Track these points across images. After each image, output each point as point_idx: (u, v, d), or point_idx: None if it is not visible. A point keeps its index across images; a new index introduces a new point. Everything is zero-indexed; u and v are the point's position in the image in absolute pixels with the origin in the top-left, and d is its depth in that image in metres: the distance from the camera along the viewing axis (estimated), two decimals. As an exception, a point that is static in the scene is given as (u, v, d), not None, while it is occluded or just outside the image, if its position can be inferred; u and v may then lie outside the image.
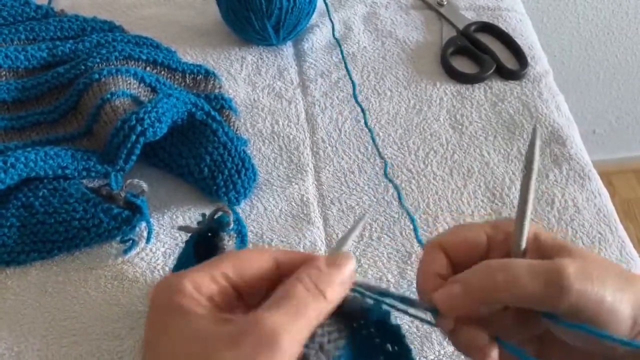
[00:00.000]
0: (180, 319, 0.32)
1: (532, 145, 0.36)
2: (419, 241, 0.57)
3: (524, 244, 0.37)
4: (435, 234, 0.58)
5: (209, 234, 0.49)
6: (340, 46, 0.75)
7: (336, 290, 0.34)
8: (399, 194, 0.59)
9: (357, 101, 0.68)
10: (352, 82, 0.71)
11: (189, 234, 0.49)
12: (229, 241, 0.48)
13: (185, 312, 0.32)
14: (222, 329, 0.31)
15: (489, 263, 0.36)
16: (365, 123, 0.67)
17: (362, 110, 0.68)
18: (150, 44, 0.73)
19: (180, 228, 0.50)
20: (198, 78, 0.70)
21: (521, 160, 0.64)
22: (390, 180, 0.61)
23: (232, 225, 0.48)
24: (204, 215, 0.50)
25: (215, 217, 0.48)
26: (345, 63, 0.73)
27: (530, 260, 0.36)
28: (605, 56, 1.48)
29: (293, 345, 0.31)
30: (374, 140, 0.65)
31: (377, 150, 0.64)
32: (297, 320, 0.32)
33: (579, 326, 0.34)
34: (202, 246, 0.48)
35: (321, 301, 0.33)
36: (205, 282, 0.33)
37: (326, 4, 0.76)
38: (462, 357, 0.50)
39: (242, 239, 0.51)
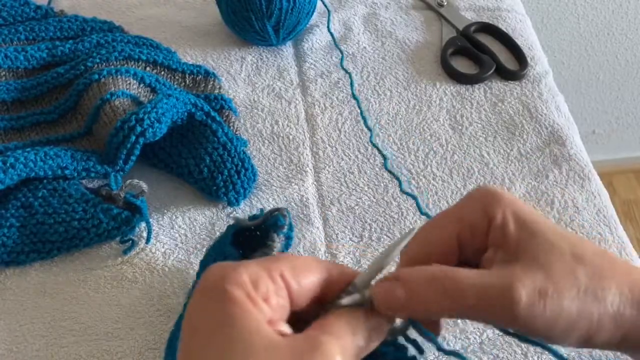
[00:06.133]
0: (235, 311, 0.30)
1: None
2: (425, 214, 0.58)
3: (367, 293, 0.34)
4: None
5: (256, 232, 0.49)
6: (335, 41, 0.75)
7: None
8: (399, 181, 0.59)
9: (355, 97, 0.68)
10: (351, 79, 0.71)
11: (232, 225, 0.50)
12: (277, 243, 0.48)
13: (241, 308, 0.30)
14: (283, 341, 0.30)
15: (434, 273, 0.33)
16: (364, 120, 0.67)
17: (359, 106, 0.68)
18: (150, 44, 0.73)
19: (235, 219, 0.50)
20: (198, 78, 0.70)
21: (521, 161, 0.64)
22: (391, 173, 0.62)
23: (285, 229, 0.49)
24: (262, 210, 0.51)
25: (272, 216, 0.48)
26: (341, 59, 0.73)
27: (480, 272, 0.33)
28: (605, 56, 1.48)
29: None
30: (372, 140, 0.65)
31: (376, 148, 0.64)
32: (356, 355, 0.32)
33: (531, 341, 0.33)
34: (240, 240, 0.49)
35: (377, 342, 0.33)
36: (263, 278, 0.31)
37: (323, 2, 0.76)
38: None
39: (287, 244, 0.52)
